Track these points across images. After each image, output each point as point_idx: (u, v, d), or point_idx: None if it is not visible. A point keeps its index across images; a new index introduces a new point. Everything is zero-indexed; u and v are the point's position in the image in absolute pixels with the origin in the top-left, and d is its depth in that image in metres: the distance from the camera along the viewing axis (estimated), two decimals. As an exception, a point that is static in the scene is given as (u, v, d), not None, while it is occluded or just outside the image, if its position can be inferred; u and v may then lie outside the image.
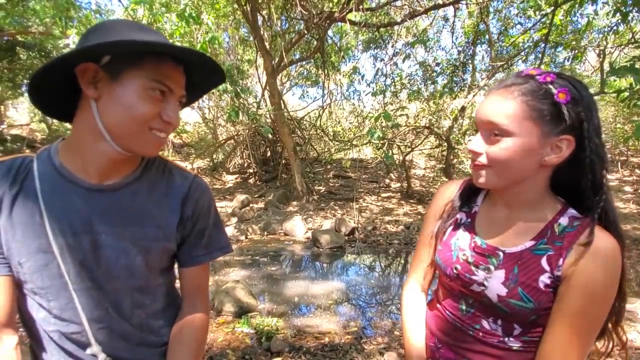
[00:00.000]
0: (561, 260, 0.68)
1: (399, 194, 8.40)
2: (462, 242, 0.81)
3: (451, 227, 0.85)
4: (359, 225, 5.96)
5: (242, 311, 3.03)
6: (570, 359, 0.67)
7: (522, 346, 0.74)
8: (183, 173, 0.83)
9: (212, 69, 0.74)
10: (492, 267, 0.74)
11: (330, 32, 8.12)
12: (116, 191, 0.73)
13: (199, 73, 0.75)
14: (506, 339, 0.75)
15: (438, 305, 0.88)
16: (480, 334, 0.77)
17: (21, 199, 0.68)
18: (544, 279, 0.69)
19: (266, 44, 7.33)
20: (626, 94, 2.87)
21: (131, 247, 0.73)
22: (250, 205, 7.16)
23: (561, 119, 0.65)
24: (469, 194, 0.86)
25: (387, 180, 9.60)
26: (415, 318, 0.93)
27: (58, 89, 0.71)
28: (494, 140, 0.69)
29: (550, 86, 0.66)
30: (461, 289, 0.80)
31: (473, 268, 0.77)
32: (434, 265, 0.90)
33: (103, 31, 0.67)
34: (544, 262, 0.70)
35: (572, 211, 0.72)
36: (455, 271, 0.80)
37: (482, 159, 0.71)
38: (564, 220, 0.71)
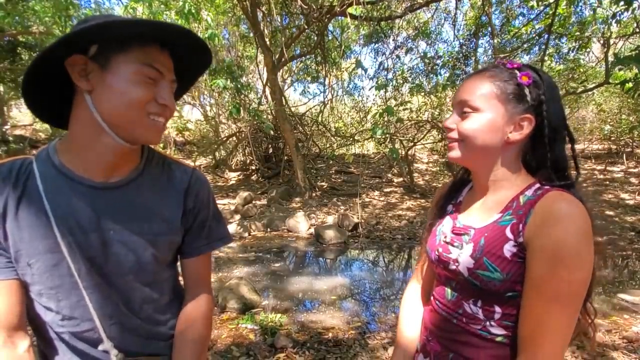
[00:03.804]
0: (521, 225, 0.70)
1: (401, 188, 8.38)
2: (445, 228, 0.87)
3: (440, 219, 0.91)
4: (362, 221, 5.96)
5: (246, 307, 3.05)
6: (549, 328, 0.66)
7: (505, 336, 0.74)
8: (182, 167, 0.84)
9: (196, 46, 0.73)
10: (464, 244, 0.79)
11: (330, 27, 8.07)
12: (121, 187, 0.74)
13: (186, 55, 0.74)
14: (488, 323, 0.75)
15: (432, 298, 0.91)
16: (464, 319, 0.78)
17: (25, 201, 0.68)
18: (509, 247, 0.71)
19: (266, 39, 7.30)
20: (631, 84, 2.84)
21: (139, 242, 0.74)
22: (253, 202, 7.17)
23: (524, 100, 0.73)
24: (457, 187, 0.94)
25: (390, 175, 9.57)
26: (408, 317, 0.98)
27: (51, 93, 0.71)
28: (464, 117, 0.77)
29: (516, 71, 0.75)
30: (445, 272, 0.83)
31: (449, 247, 0.82)
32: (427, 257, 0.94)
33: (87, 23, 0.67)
34: (507, 231, 0.72)
35: (540, 185, 0.75)
36: (437, 253, 0.84)
37: (454, 134, 0.79)
38: (529, 192, 0.74)
